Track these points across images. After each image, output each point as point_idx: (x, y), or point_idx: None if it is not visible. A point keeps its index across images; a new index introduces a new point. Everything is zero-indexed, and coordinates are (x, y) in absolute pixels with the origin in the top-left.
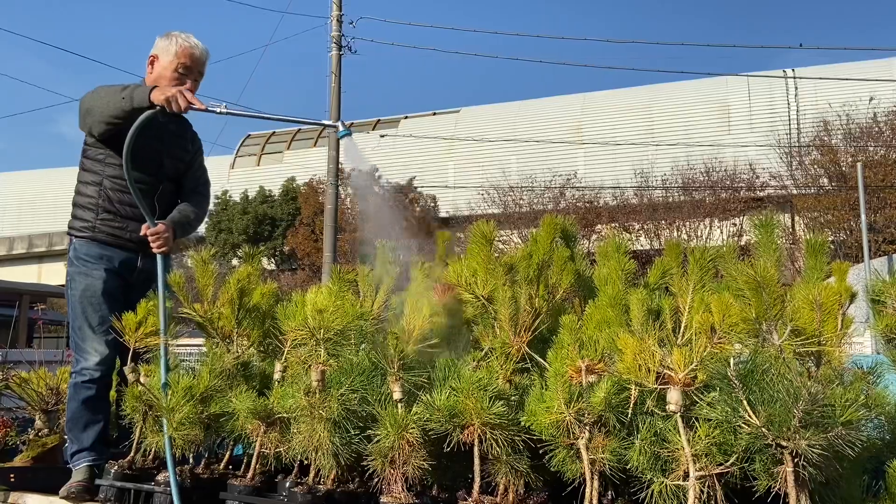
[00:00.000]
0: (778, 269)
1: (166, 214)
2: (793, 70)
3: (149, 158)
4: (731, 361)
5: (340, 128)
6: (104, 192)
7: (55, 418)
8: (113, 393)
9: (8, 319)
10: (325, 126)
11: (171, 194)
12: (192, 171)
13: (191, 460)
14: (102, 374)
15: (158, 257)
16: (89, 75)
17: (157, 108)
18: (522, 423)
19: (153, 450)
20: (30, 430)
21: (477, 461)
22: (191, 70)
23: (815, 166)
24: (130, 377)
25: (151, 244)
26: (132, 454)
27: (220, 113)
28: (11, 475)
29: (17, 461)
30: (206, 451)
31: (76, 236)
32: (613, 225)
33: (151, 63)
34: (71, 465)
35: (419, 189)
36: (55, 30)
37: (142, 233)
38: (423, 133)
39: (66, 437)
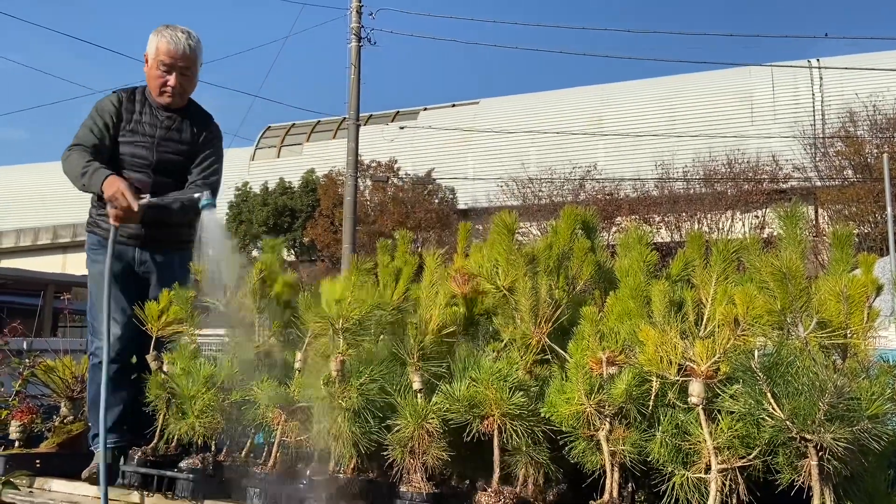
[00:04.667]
0: (803, 261)
1: None
2: (818, 60)
3: (139, 155)
4: (756, 353)
5: (203, 199)
6: None
7: (80, 405)
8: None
9: (33, 309)
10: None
11: (168, 188)
12: (197, 165)
13: (213, 448)
14: (116, 354)
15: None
16: (114, 67)
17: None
18: (542, 414)
19: (176, 437)
20: (55, 417)
21: (497, 452)
22: (171, 67)
23: (840, 158)
24: (153, 365)
25: (108, 209)
26: (155, 441)
27: (142, 204)
28: (37, 461)
29: (43, 447)
30: (228, 440)
31: (86, 230)
32: (634, 217)
33: (146, 61)
34: (92, 448)
35: (438, 181)
36: (81, 21)
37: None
38: (442, 125)
39: (89, 422)
